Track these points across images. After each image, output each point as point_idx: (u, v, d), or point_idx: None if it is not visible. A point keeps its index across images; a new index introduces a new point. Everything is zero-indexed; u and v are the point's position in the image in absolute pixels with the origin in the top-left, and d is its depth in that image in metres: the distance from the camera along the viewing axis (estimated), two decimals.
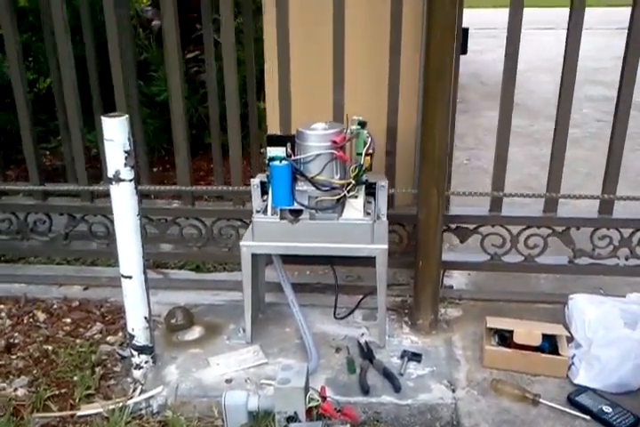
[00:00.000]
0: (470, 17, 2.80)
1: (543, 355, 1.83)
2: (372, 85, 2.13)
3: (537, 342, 1.83)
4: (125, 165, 1.66)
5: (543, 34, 8.01)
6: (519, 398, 1.73)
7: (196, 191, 2.32)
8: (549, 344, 1.85)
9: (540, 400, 1.72)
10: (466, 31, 2.25)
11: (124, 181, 1.67)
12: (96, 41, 2.27)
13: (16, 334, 2.07)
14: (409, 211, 2.13)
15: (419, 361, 1.89)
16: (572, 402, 1.72)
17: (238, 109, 2.19)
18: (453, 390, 1.78)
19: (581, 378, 1.78)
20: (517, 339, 1.84)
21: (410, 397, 1.75)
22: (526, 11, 1.94)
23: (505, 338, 1.89)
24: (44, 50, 2.31)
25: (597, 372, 1.76)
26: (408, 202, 2.22)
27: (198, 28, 3.27)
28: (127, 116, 1.65)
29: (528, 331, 1.85)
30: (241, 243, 1.90)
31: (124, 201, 1.70)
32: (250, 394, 1.65)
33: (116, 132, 1.64)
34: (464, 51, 2.20)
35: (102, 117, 1.65)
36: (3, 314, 2.18)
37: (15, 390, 1.81)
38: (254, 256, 1.92)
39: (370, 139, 1.85)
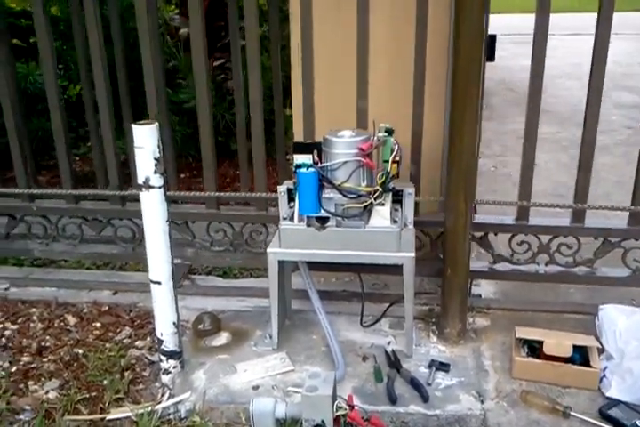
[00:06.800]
0: (497, 22, 2.78)
1: (574, 366, 1.80)
2: (397, 92, 2.12)
3: (567, 353, 1.80)
4: (155, 171, 1.68)
5: (571, 39, 7.93)
6: (549, 411, 1.71)
7: (221, 197, 2.34)
8: (580, 356, 1.82)
9: (571, 413, 1.69)
10: (494, 38, 2.24)
11: (153, 187, 1.69)
12: (125, 49, 2.31)
13: (47, 338, 2.11)
14: (435, 217, 2.12)
15: (447, 371, 1.87)
16: (603, 415, 1.68)
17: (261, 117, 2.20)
18: (482, 401, 1.76)
19: (613, 391, 1.74)
20: (547, 350, 1.81)
21: (438, 407, 1.73)
22: (553, 16, 1.92)
23: (534, 349, 1.86)
24: (74, 58, 2.35)
25: (630, 385, 1.72)
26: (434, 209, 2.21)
27: (224, 36, 3.31)
28: (157, 123, 1.67)
29: (558, 342, 1.82)
30: (268, 250, 1.90)
31: (153, 207, 1.72)
32: (277, 401, 1.65)
33: (146, 140, 1.65)
34: (491, 58, 2.20)
35: (133, 125, 1.67)
36: (34, 317, 2.22)
37: (47, 392, 1.84)
38: (281, 263, 1.92)
39: (397, 146, 1.84)
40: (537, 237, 2.17)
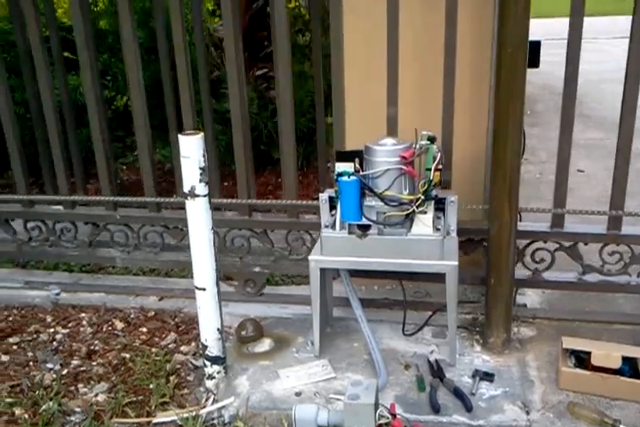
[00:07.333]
0: (543, 26, 2.74)
1: (623, 378, 1.75)
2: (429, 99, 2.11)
3: (617, 364, 1.75)
4: (200, 180, 1.72)
5: (618, 43, 7.74)
6: (598, 423, 1.66)
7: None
8: (629, 367, 1.78)
9: (621, 426, 1.64)
10: (538, 44, 2.20)
11: (198, 196, 1.73)
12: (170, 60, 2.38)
13: (96, 342, 2.17)
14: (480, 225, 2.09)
15: (491, 381, 1.84)
16: None
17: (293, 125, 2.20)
18: (527, 412, 1.73)
19: None
20: (595, 361, 1.77)
21: (482, 417, 1.71)
22: (599, 19, 1.88)
23: (582, 360, 1.82)
24: (122, 69, 2.43)
25: None
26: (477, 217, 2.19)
27: (267, 46, 3.37)
28: (202, 134, 1.71)
29: (607, 353, 1.77)
30: (309, 257, 1.92)
31: (198, 215, 1.76)
32: (320, 408, 1.66)
33: (191, 150, 1.69)
34: (536, 64, 2.16)
35: (179, 135, 1.71)
36: (84, 322, 2.30)
37: (96, 395, 1.90)
38: (322, 270, 1.93)
39: (439, 154, 1.83)
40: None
